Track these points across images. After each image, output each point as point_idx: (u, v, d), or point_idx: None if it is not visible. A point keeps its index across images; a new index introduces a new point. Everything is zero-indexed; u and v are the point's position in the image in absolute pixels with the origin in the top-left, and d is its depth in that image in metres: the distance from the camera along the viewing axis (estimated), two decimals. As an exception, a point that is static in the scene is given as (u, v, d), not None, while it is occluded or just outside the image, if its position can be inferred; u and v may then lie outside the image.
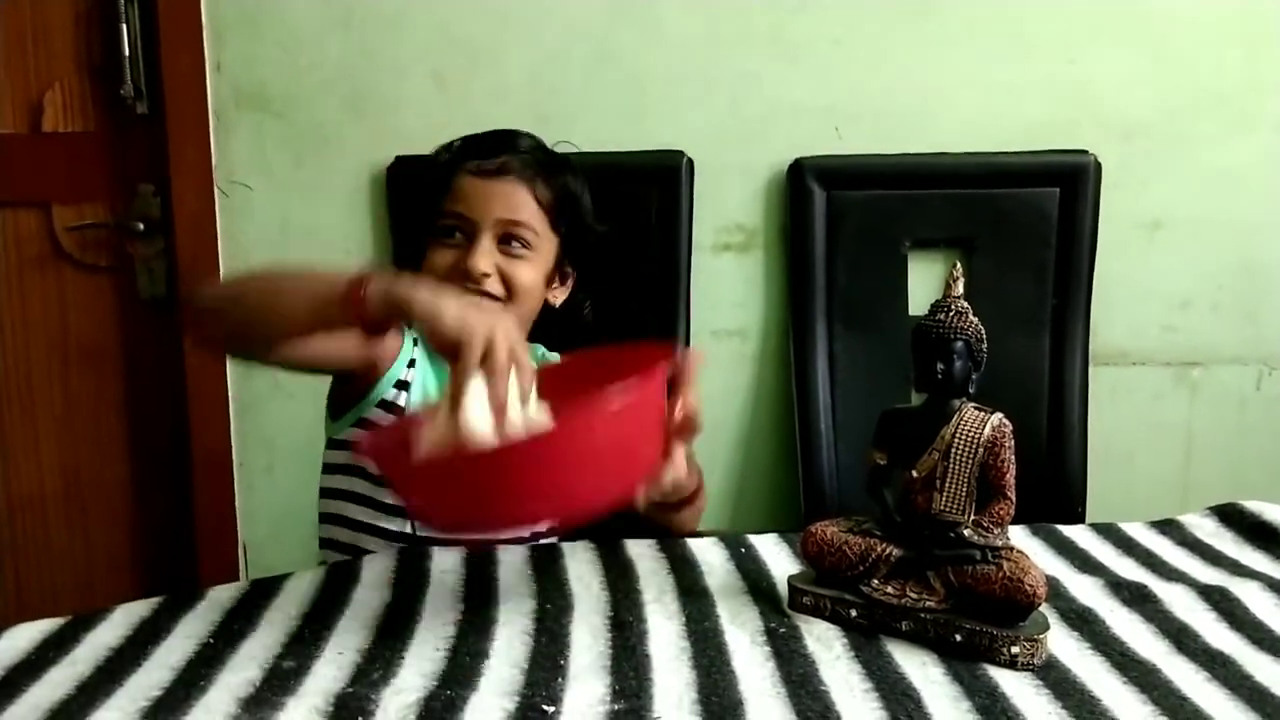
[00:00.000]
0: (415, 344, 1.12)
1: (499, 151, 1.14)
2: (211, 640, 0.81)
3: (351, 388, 1.10)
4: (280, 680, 0.73)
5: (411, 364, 1.11)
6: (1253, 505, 1.09)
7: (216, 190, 1.61)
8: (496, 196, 1.12)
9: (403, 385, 1.10)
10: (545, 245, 1.15)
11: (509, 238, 1.12)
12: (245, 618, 0.85)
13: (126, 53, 1.60)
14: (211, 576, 1.63)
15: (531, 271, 1.14)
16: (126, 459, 1.73)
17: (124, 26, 1.59)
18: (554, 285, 1.20)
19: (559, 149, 1.24)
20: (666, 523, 1.03)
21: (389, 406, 1.09)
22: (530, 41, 1.57)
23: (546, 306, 1.20)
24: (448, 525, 0.84)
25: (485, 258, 1.10)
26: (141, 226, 1.64)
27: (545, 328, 1.21)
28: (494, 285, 1.11)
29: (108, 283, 1.69)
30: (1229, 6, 1.56)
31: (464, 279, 1.09)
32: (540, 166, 1.15)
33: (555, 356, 1.21)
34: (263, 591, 0.90)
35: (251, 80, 1.59)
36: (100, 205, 1.67)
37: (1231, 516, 1.09)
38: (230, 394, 1.65)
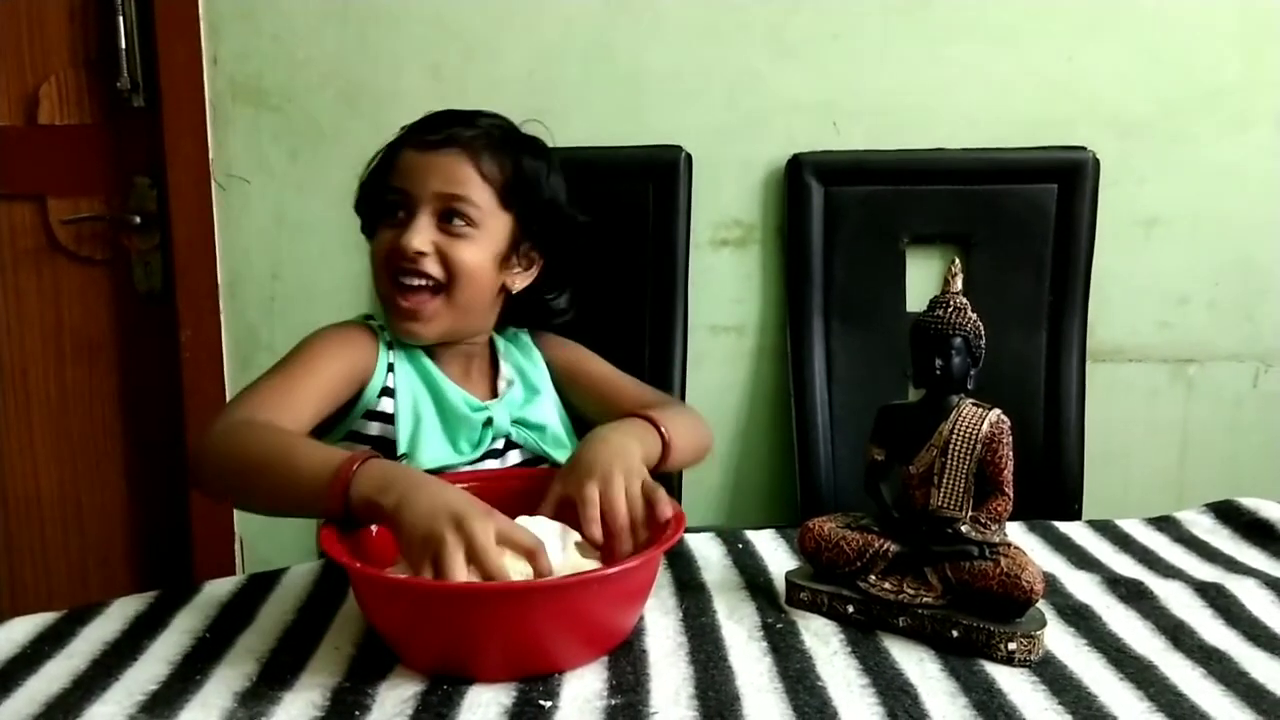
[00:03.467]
0: (390, 348, 1.06)
1: (447, 126, 1.06)
2: (208, 635, 0.81)
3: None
4: (277, 675, 0.73)
5: (391, 368, 1.06)
6: (1249, 502, 1.10)
7: (213, 183, 1.60)
8: (435, 169, 1.03)
9: (388, 392, 1.05)
10: (494, 224, 1.06)
11: (450, 214, 1.03)
12: (241, 612, 0.85)
13: (123, 45, 1.59)
14: (207, 571, 1.63)
15: (476, 252, 1.05)
16: (122, 453, 1.73)
17: (120, 19, 1.59)
18: (512, 269, 1.10)
19: (529, 129, 1.14)
20: None
21: (375, 415, 1.04)
22: (527, 35, 1.56)
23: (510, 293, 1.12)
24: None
25: (420, 235, 1.02)
26: (138, 220, 1.64)
27: (517, 313, 1.16)
28: (431, 265, 1.03)
29: (103, 276, 1.68)
30: (1227, 4, 1.55)
31: (400, 258, 1.02)
32: (490, 140, 1.06)
33: (526, 338, 1.18)
34: (259, 586, 0.90)
35: (248, 73, 1.59)
36: (96, 198, 1.66)
37: (1228, 513, 1.10)
38: (227, 388, 1.65)
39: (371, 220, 1.10)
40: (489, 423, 1.06)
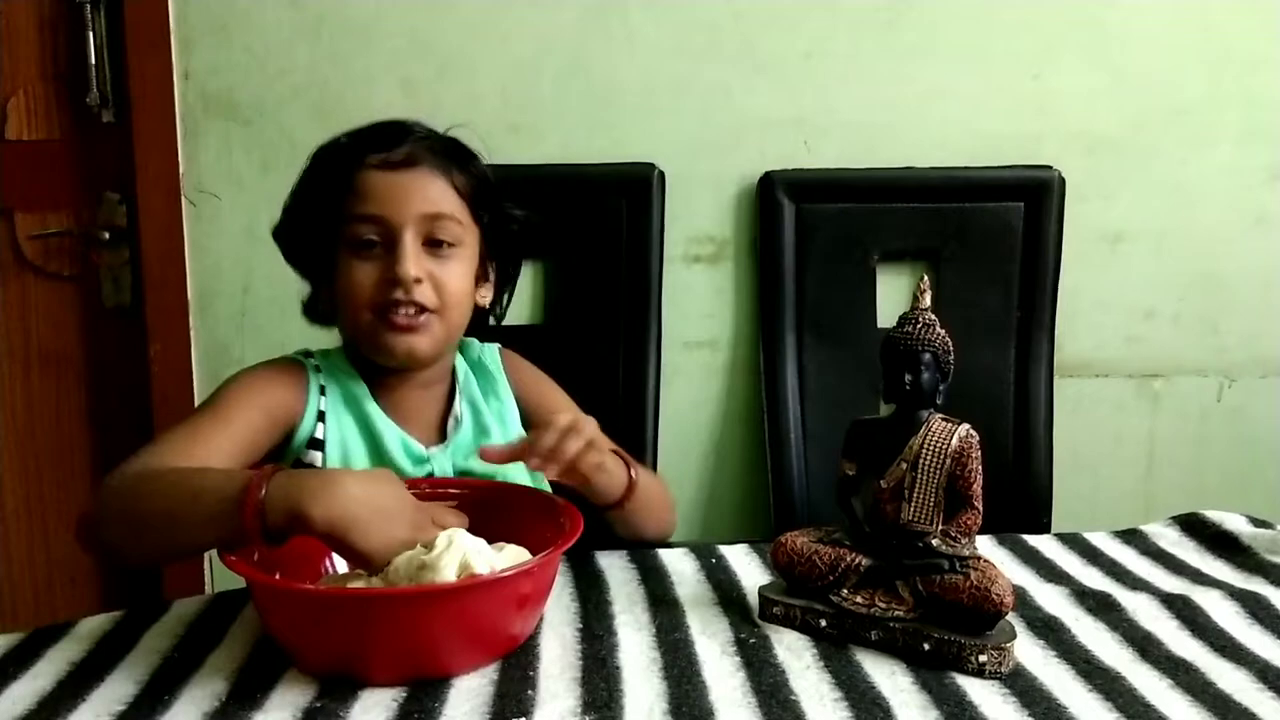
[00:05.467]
0: (323, 393, 1.00)
1: (400, 140, 0.99)
2: (176, 654, 0.80)
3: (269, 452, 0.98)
4: (247, 694, 0.73)
5: (321, 417, 0.99)
6: (1213, 515, 1.11)
7: (183, 198, 1.59)
8: (413, 190, 0.97)
9: (316, 443, 0.98)
10: (470, 240, 1.02)
11: (433, 238, 0.98)
12: (210, 631, 0.84)
13: (92, 60, 1.58)
14: (176, 589, 1.60)
15: (461, 273, 1.00)
16: (89, 470, 1.70)
17: (90, 33, 1.58)
18: (481, 284, 1.06)
19: (456, 134, 1.07)
20: (621, 525, 1.03)
21: (302, 467, 0.97)
22: (501, 52, 1.57)
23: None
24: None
25: (414, 261, 0.96)
26: (107, 235, 1.62)
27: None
28: (426, 293, 0.97)
29: (71, 291, 1.66)
30: (1190, 23, 1.59)
31: (392, 289, 0.96)
32: (449, 151, 1.01)
33: (493, 349, 1.13)
34: (228, 604, 0.89)
35: (220, 87, 1.58)
36: (65, 213, 1.64)
37: (1193, 526, 1.11)
38: (196, 402, 1.63)
39: (315, 253, 1.02)
40: (430, 476, 1.01)
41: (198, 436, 0.90)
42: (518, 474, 1.06)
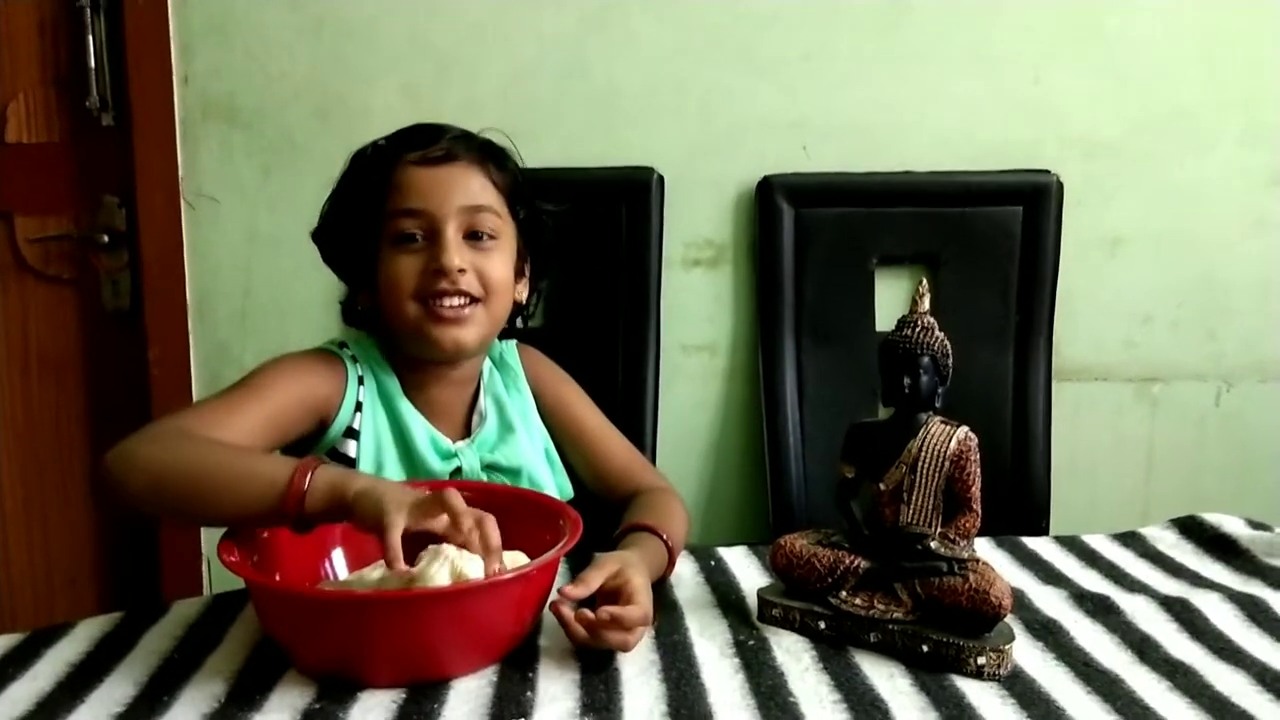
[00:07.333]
0: (361, 383, 1.03)
1: (437, 138, 1.02)
2: (175, 655, 0.80)
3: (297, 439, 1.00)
4: (245, 696, 0.73)
5: (359, 407, 1.02)
6: (1211, 518, 1.12)
7: (183, 202, 1.59)
8: (453, 183, 1.00)
9: (352, 433, 1.01)
10: (508, 233, 1.04)
11: (474, 228, 1.01)
12: (209, 633, 0.84)
13: (92, 63, 1.58)
14: (175, 591, 1.61)
15: (502, 264, 1.03)
16: (88, 472, 1.70)
17: (90, 37, 1.58)
18: (518, 280, 1.08)
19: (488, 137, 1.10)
20: None
21: (338, 456, 1.01)
22: (502, 54, 1.57)
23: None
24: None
25: (457, 251, 0.98)
26: (106, 239, 1.62)
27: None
28: (471, 282, 0.99)
29: (71, 294, 1.67)
30: (1188, 27, 1.59)
31: (438, 279, 0.98)
32: (486, 148, 1.05)
33: (511, 345, 1.14)
34: (227, 605, 0.89)
35: (220, 91, 1.58)
36: (64, 217, 1.65)
37: (1191, 529, 1.11)
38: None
39: (356, 253, 1.05)
40: (458, 471, 1.03)
41: (233, 409, 0.93)
42: (542, 476, 1.09)
